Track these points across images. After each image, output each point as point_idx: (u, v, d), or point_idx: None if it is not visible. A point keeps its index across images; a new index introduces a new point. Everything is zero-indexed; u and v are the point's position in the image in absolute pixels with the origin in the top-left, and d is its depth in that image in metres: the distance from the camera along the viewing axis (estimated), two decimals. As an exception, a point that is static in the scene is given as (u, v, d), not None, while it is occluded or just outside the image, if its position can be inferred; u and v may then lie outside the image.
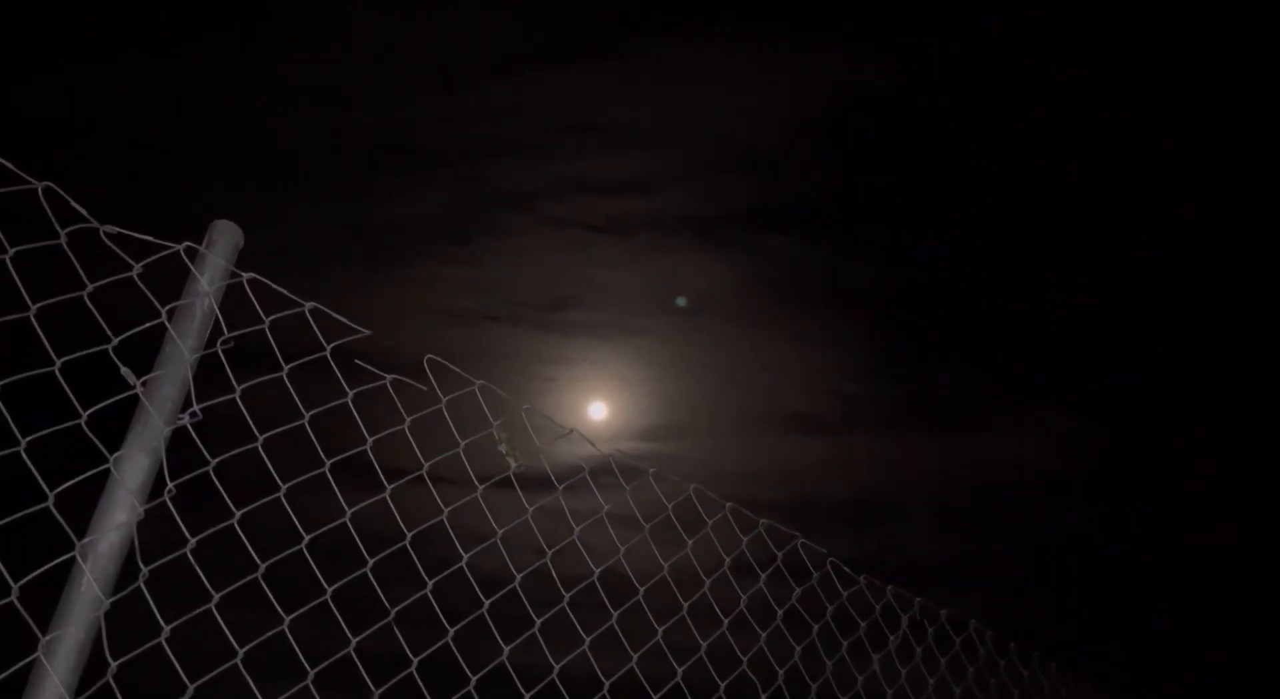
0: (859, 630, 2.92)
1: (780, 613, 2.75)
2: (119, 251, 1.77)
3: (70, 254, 1.73)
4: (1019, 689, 3.35)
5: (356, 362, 2.06)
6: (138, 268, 1.81)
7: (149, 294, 1.79)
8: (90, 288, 1.77)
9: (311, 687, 1.87)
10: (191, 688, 1.68)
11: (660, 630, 2.49)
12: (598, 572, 2.48)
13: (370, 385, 2.12)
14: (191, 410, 1.79)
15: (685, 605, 2.56)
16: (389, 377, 2.12)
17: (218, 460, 1.84)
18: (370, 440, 2.11)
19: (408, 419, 2.17)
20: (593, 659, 2.41)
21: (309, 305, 2.02)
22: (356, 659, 1.96)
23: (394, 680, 1.99)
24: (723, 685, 2.54)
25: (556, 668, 2.28)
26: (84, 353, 1.73)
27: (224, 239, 1.92)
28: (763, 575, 2.76)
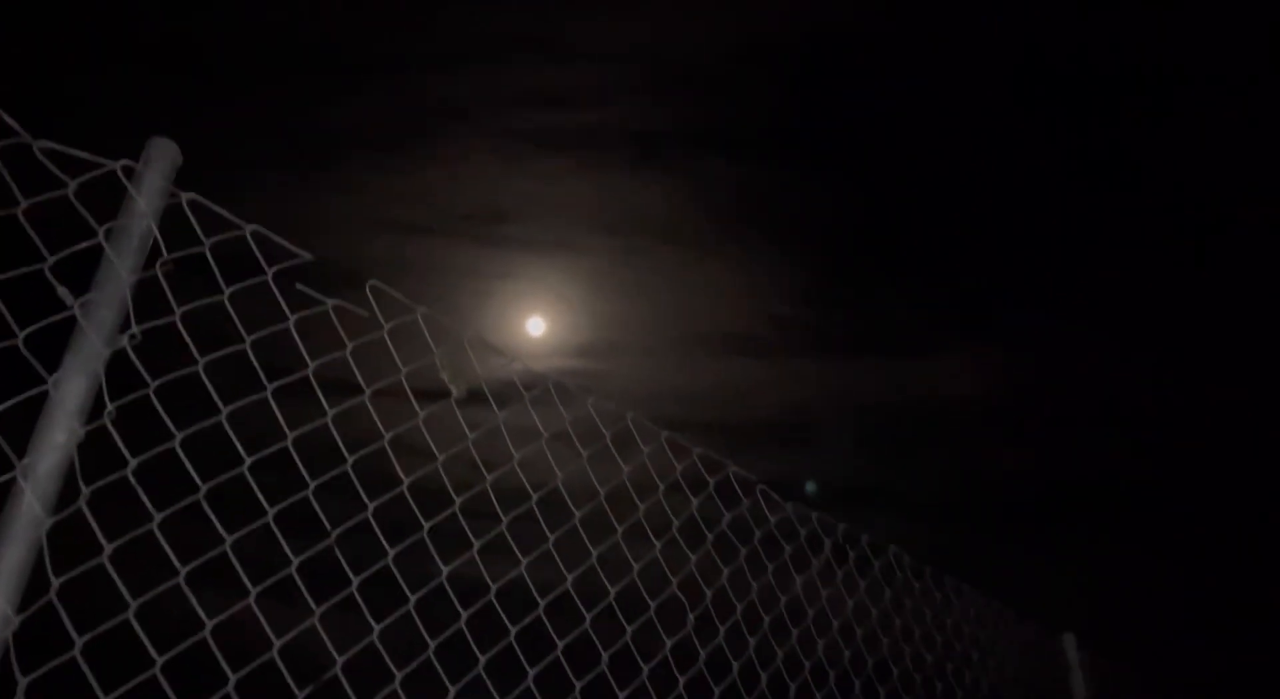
0: (785, 554, 3.05)
1: (710, 538, 2.85)
2: (53, 169, 1.73)
3: (4, 171, 1.69)
4: (930, 610, 3.54)
5: (299, 286, 2.05)
6: (73, 186, 1.77)
7: (85, 213, 1.75)
8: (24, 204, 1.73)
9: (254, 605, 1.91)
10: (135, 604, 1.71)
11: (595, 553, 2.57)
12: (536, 496, 2.54)
13: (312, 311, 2.11)
14: (130, 332, 1.77)
15: (620, 529, 2.65)
16: (331, 301, 2.12)
17: (158, 383, 1.84)
18: (312, 365, 2.11)
19: (349, 345, 2.18)
20: (527, 578, 2.49)
21: (250, 228, 2.00)
22: (297, 578, 2.00)
23: (337, 597, 2.04)
24: (653, 606, 2.64)
25: (494, 588, 2.36)
26: (19, 272, 1.71)
27: (161, 158, 1.88)
28: (695, 501, 2.85)
